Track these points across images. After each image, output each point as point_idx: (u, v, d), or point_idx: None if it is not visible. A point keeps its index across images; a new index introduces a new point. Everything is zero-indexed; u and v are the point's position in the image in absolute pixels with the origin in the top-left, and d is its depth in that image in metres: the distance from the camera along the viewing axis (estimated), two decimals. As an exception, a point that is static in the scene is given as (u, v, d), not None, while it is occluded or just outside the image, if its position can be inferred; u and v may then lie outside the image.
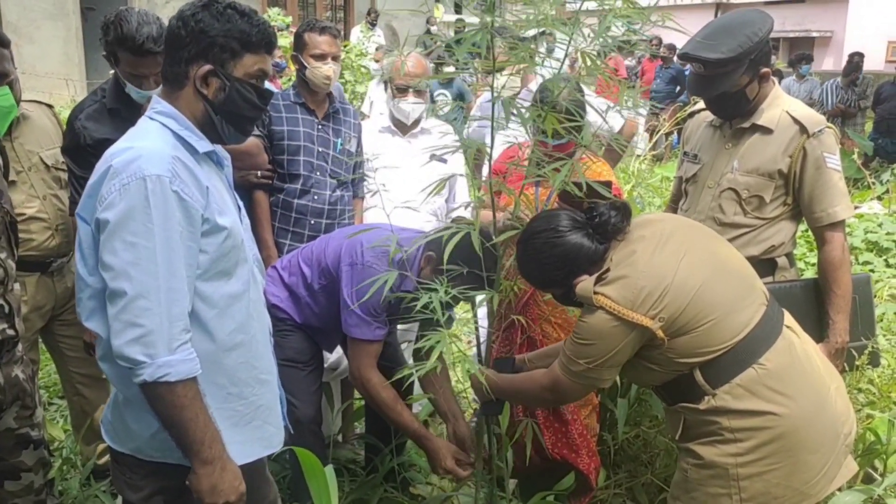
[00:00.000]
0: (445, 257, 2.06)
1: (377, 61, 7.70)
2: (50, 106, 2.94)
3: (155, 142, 1.69)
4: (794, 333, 2.01)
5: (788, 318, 2.04)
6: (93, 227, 1.67)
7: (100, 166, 1.69)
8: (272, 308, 2.75)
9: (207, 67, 1.72)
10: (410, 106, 3.33)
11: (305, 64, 3.13)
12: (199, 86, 1.73)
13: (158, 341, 1.60)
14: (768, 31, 2.42)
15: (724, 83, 2.40)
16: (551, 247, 2.00)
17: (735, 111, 2.53)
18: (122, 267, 1.60)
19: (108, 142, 2.63)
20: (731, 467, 1.91)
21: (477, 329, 2.64)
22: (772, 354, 1.90)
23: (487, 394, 2.25)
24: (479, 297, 2.17)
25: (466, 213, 3.11)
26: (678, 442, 2.07)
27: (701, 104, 2.76)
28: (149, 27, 2.51)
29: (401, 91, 3.30)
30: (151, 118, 1.76)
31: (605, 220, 1.99)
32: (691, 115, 2.84)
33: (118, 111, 2.67)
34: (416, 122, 3.43)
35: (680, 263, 1.89)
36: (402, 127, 3.42)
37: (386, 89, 3.47)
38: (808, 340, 2.07)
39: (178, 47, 1.73)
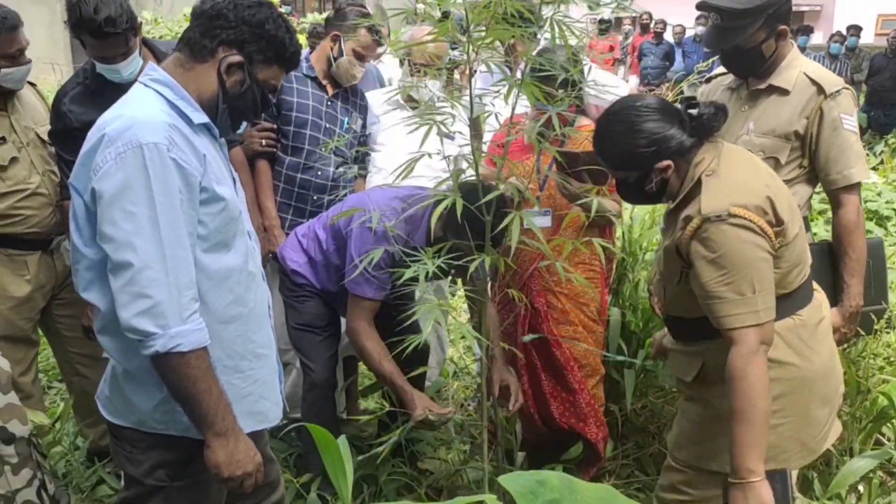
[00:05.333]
0: (434, 219, 2.01)
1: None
2: (33, 84, 2.91)
3: (149, 109, 1.64)
4: (819, 292, 2.02)
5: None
6: (87, 197, 1.62)
7: (92, 134, 1.64)
8: (292, 273, 2.78)
9: (239, 58, 1.72)
10: (429, 84, 3.28)
11: (343, 52, 3.09)
12: (223, 70, 1.71)
13: (169, 311, 1.56)
14: None
15: (739, 35, 2.36)
16: (645, 119, 1.89)
17: (751, 68, 2.48)
18: (124, 238, 1.55)
19: None
20: None
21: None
22: (809, 308, 1.93)
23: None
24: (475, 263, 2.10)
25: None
26: (687, 386, 2.06)
27: (719, 69, 2.72)
28: (107, 8, 2.43)
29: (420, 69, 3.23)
30: (146, 85, 1.71)
31: (703, 114, 1.91)
32: (708, 80, 2.80)
33: (102, 92, 2.61)
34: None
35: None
36: (414, 102, 3.36)
37: (402, 65, 3.41)
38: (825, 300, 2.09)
39: (218, 25, 1.71)
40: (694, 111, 1.92)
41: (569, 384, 2.89)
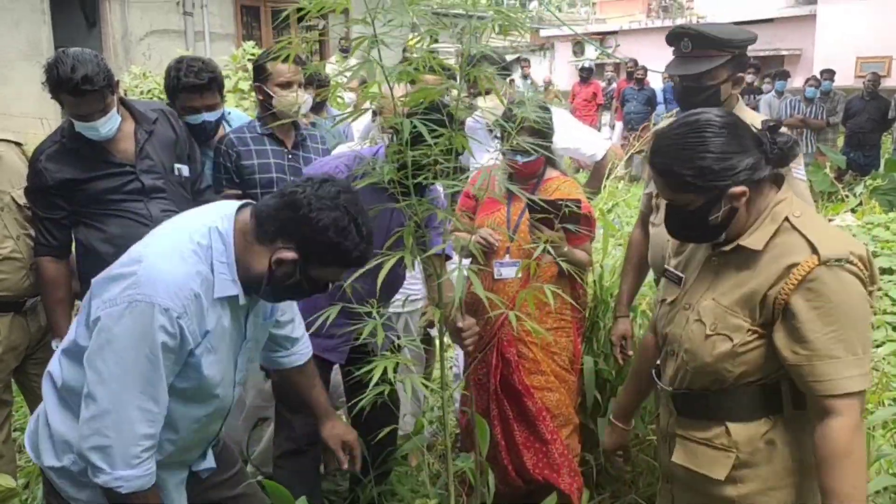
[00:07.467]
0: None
1: (352, 90, 7.70)
2: (19, 144, 2.90)
3: (185, 269, 1.66)
4: None
5: None
6: (92, 309, 1.68)
7: (130, 259, 1.69)
8: None
9: (293, 256, 1.67)
10: None
11: (271, 94, 3.08)
12: (273, 261, 1.68)
13: (118, 456, 1.64)
14: (750, 42, 2.52)
15: (706, 65, 2.45)
16: (721, 132, 1.61)
17: (701, 103, 2.44)
18: (106, 376, 1.62)
19: (72, 182, 2.61)
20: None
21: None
22: None
23: None
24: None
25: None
26: (713, 486, 1.76)
27: (667, 116, 2.78)
28: (84, 67, 2.47)
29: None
30: (212, 222, 1.72)
31: (787, 141, 1.66)
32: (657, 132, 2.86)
33: (78, 150, 2.65)
34: None
35: None
36: None
37: (373, 119, 3.45)
38: None
39: (286, 216, 1.67)
40: (777, 136, 1.67)
41: (542, 434, 2.90)
